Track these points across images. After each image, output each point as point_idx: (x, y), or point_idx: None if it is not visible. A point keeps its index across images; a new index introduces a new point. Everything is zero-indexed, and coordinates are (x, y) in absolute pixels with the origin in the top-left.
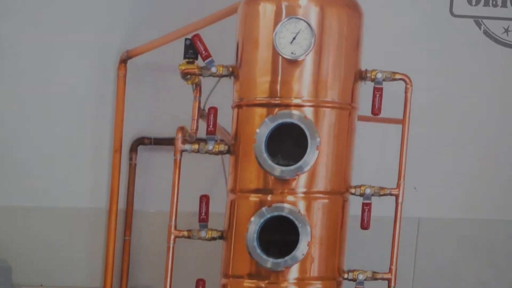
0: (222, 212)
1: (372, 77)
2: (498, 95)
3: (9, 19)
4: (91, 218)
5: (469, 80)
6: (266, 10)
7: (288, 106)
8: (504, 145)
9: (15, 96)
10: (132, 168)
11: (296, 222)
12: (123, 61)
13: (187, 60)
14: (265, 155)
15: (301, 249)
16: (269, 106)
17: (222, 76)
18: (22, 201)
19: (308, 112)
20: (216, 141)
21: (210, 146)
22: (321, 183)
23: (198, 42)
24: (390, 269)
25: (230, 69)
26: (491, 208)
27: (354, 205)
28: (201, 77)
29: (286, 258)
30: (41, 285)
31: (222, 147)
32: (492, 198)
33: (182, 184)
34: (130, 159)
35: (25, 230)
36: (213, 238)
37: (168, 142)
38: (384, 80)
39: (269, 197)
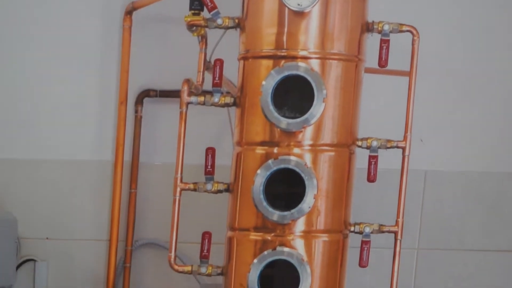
0: (228, 165)
1: (379, 29)
2: (507, 47)
3: None
4: (96, 170)
5: (477, 31)
6: None
7: (294, 58)
8: None
9: (19, 47)
10: (137, 120)
11: (303, 175)
12: (129, 13)
13: (192, 11)
14: (271, 107)
15: (308, 202)
16: (275, 58)
17: (228, 27)
18: (27, 153)
19: (315, 64)
20: (222, 93)
21: (216, 99)
22: (327, 136)
23: None
24: (397, 222)
25: (236, 20)
26: (498, 160)
27: (361, 158)
28: (207, 29)
29: (293, 211)
30: (47, 238)
31: (228, 100)
32: (500, 150)
33: (188, 137)
34: (136, 111)
35: (30, 183)
36: (219, 191)
37: (174, 94)
38: (391, 32)
39: (275, 150)
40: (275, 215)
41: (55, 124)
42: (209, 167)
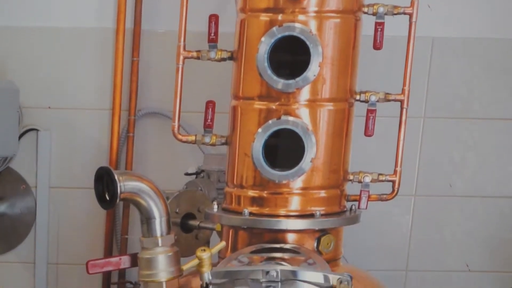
0: (232, 32)
1: None
2: None
3: None
4: (98, 38)
5: None
6: None
7: None
8: None
9: None
10: None
11: (307, 42)
12: None
13: None
14: None
15: (312, 70)
16: None
17: None
18: (27, 21)
19: None
20: None
21: None
22: (333, 1)
23: None
24: (403, 90)
25: None
26: (508, 27)
27: (367, 24)
28: None
29: (297, 79)
30: (49, 107)
31: None
32: (509, 17)
33: (191, 3)
34: None
35: (32, 51)
36: (223, 59)
37: None
38: None
39: (279, 17)
40: (279, 83)
41: None
42: (212, 34)
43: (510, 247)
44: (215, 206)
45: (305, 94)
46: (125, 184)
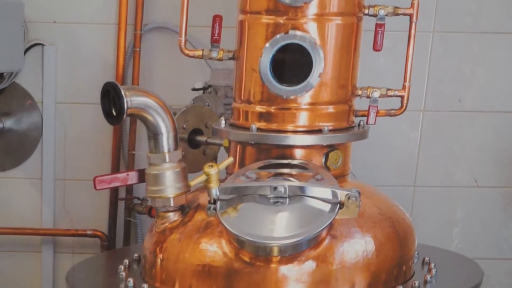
0: None
1: None
2: None
3: None
4: None
5: None
6: None
7: None
8: None
9: None
10: None
11: None
12: None
13: None
14: None
15: None
16: None
17: None
18: None
19: None
20: None
21: None
22: None
23: None
24: (412, 4)
25: None
26: None
27: None
28: None
29: None
30: (55, 21)
31: None
32: None
33: None
34: None
35: None
36: None
37: None
38: None
39: None
40: None
41: None
42: None
43: None
44: (223, 122)
45: (313, 8)
46: (132, 100)
